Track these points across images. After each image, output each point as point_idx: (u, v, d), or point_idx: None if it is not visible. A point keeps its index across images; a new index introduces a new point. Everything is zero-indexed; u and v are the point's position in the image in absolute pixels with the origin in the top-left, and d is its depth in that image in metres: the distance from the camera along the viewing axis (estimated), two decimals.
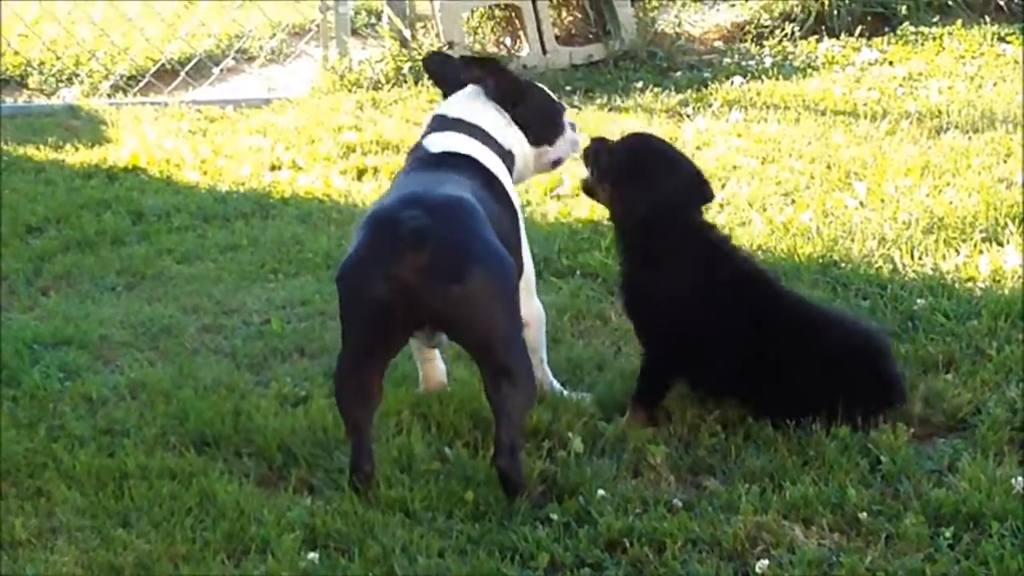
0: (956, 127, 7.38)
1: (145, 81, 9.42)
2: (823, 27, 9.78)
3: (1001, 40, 9.36)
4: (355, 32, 9.84)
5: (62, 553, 3.85)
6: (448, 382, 4.68)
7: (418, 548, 3.79)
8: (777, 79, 8.79)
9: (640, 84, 8.85)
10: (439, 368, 4.68)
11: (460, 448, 4.28)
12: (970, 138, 7.18)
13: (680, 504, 3.97)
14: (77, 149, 7.82)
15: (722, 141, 7.42)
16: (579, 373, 4.84)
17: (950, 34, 9.48)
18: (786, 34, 9.73)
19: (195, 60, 9.64)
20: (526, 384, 4.02)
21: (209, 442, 4.42)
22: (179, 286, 5.86)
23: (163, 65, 9.59)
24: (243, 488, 4.12)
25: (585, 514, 3.92)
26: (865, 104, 7.98)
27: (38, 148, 7.86)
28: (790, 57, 9.31)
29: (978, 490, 3.92)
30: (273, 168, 7.39)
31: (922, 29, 9.61)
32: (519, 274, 4.35)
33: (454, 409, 4.46)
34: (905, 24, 9.68)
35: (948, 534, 3.76)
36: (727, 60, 9.32)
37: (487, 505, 3.98)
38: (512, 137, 4.62)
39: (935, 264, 5.55)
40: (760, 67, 9.08)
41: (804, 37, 9.69)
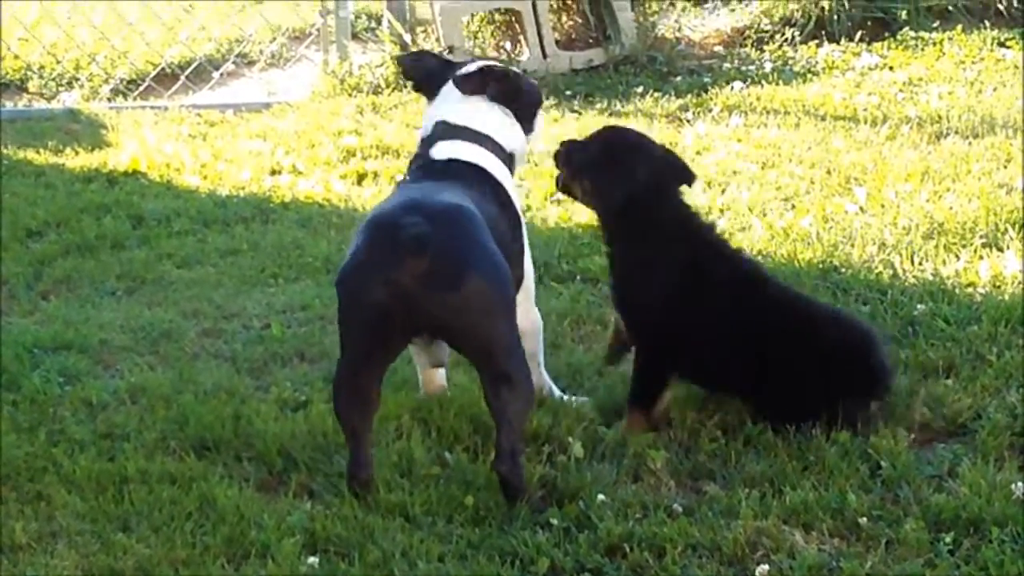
0: (956, 132, 7.38)
1: (145, 85, 9.42)
2: (823, 32, 9.78)
3: (1001, 45, 9.36)
4: (355, 36, 9.83)
5: (62, 557, 3.85)
6: (448, 387, 4.68)
7: (418, 553, 3.79)
8: (777, 84, 8.79)
9: (640, 89, 8.85)
10: (439, 373, 4.67)
11: (460, 453, 4.28)
12: (970, 143, 7.17)
13: (680, 509, 3.96)
14: (77, 153, 7.81)
15: (722, 146, 7.42)
16: (579, 378, 4.84)
17: (950, 39, 9.47)
18: (786, 39, 9.73)
19: (195, 64, 9.64)
20: (526, 390, 4.02)
21: (209, 446, 4.42)
22: (179, 290, 5.86)
23: (163, 69, 9.59)
24: (243, 493, 4.12)
25: (585, 519, 3.92)
26: (865, 109, 7.98)
27: (38, 152, 7.85)
28: (790, 62, 9.31)
29: (978, 495, 3.91)
30: (273, 172, 7.39)
31: (922, 34, 9.60)
32: (519, 282, 4.35)
33: (454, 414, 4.45)
34: (905, 29, 9.68)
35: (948, 539, 3.76)
36: (727, 65, 9.33)
37: (487, 510, 3.98)
38: (514, 137, 4.62)
39: (935, 269, 5.55)
40: (760, 72, 9.07)
41: (804, 42, 9.69)
